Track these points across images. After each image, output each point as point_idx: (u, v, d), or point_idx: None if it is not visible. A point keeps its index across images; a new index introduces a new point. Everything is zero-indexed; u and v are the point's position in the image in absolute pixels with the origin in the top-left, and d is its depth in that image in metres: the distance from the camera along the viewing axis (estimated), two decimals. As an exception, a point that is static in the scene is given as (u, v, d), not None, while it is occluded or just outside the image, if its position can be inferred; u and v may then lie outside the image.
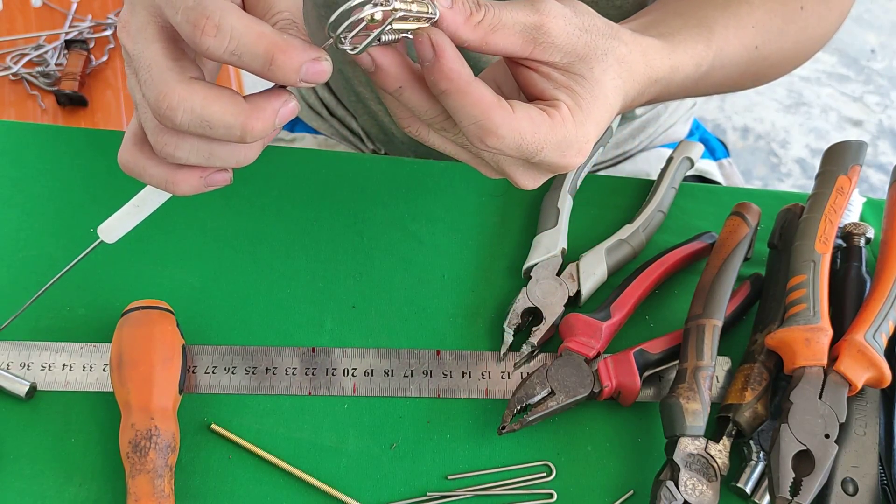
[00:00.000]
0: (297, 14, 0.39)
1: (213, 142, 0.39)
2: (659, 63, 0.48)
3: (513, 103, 0.40)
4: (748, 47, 0.55)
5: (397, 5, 0.36)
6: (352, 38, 0.37)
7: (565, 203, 0.61)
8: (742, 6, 0.55)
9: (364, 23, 0.36)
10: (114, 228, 0.45)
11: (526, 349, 0.55)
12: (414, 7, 0.37)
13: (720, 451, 0.50)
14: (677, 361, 0.54)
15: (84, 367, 0.52)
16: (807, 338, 0.51)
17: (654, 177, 0.66)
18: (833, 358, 0.51)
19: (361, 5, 0.36)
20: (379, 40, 0.37)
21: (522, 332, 0.56)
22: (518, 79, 0.44)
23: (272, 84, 0.39)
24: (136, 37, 0.39)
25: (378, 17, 0.36)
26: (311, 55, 0.36)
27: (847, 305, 0.56)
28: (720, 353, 0.54)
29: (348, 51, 0.38)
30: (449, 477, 0.51)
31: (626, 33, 0.46)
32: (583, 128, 0.42)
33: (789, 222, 0.59)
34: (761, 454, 0.51)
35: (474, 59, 0.68)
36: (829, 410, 0.49)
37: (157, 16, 0.38)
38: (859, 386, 0.50)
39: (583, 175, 0.64)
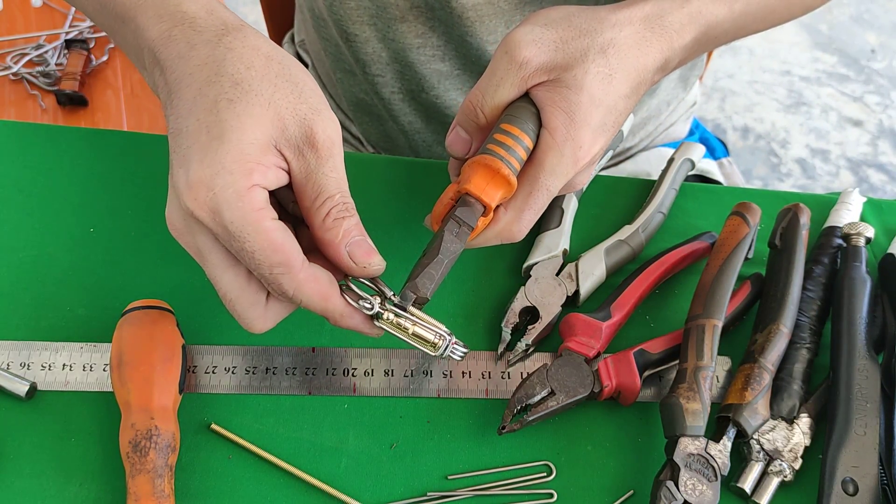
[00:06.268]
0: (345, 192, 0.44)
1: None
2: (676, 16, 0.48)
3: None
4: None
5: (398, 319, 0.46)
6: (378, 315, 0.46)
7: (570, 204, 0.61)
8: None
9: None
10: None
11: (520, 347, 0.55)
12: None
13: (720, 451, 0.50)
14: (677, 361, 0.54)
15: (84, 367, 0.52)
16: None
17: (655, 177, 0.66)
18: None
19: (372, 308, 0.46)
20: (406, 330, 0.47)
21: (520, 332, 0.56)
22: None
23: None
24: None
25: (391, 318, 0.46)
26: (363, 328, 0.45)
27: (847, 305, 0.56)
28: (720, 353, 0.54)
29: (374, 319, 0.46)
30: (449, 477, 0.51)
31: (611, 14, 0.46)
32: (567, 144, 0.45)
33: (789, 222, 0.59)
34: (761, 453, 0.51)
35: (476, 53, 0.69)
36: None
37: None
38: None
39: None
